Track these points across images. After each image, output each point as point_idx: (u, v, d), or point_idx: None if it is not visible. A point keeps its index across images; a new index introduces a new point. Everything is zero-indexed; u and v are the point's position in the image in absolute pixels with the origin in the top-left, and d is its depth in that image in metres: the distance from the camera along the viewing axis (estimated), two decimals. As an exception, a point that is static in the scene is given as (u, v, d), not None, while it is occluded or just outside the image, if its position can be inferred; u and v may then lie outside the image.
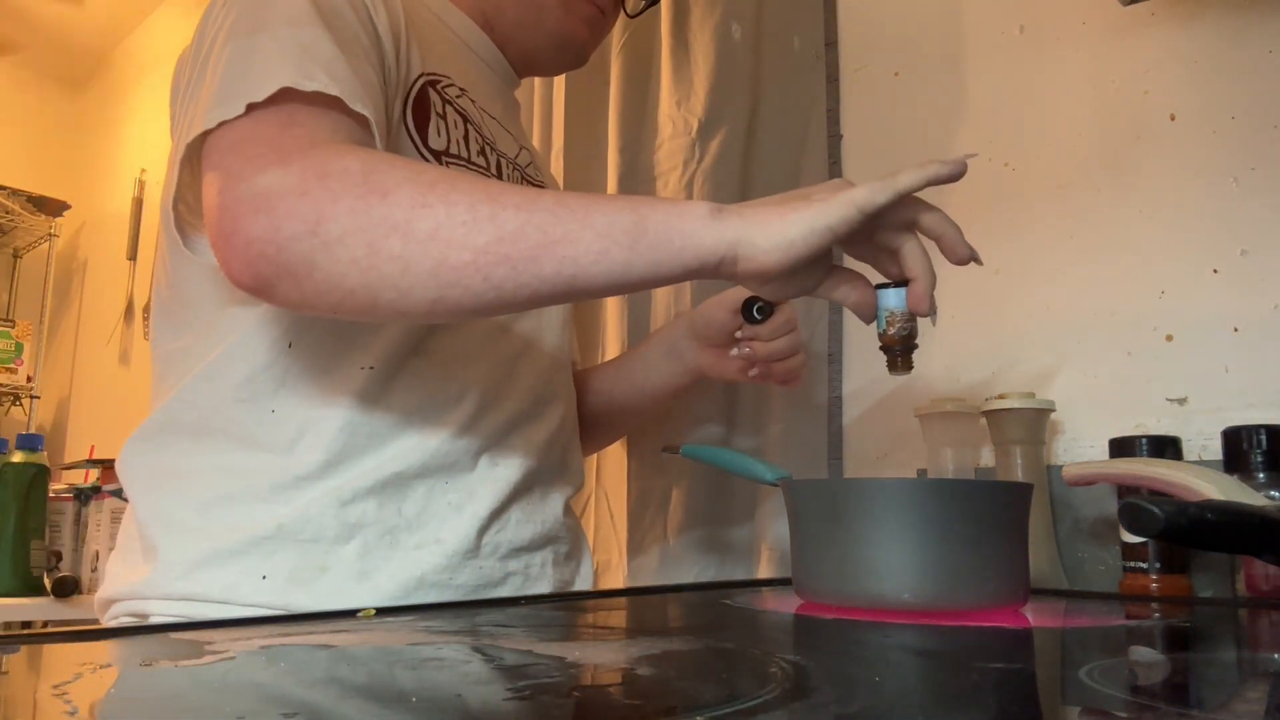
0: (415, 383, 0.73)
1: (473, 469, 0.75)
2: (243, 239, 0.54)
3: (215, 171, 0.57)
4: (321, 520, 0.68)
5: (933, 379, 1.03)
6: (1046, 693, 0.39)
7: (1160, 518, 0.45)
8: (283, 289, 0.55)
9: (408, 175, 0.55)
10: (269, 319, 0.69)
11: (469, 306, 0.55)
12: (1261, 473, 0.74)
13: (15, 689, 0.36)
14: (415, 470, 0.72)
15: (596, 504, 1.20)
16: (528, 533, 0.78)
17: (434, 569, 0.71)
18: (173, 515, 0.69)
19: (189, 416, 0.71)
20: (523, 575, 0.77)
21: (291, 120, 0.58)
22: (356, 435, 0.70)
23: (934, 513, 0.59)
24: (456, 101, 0.78)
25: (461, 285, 0.54)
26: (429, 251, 0.53)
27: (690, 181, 1.16)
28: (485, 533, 0.75)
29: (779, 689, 0.36)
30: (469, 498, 0.74)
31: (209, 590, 0.66)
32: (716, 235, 0.56)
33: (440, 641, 0.48)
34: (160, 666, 0.39)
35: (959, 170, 0.59)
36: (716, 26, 1.18)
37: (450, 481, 0.74)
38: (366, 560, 0.69)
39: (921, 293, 0.61)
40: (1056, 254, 0.97)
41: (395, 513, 0.71)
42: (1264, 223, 0.85)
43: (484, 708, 0.33)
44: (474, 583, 0.73)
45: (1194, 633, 0.59)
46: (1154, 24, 0.93)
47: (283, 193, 0.54)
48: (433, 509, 0.72)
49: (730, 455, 0.83)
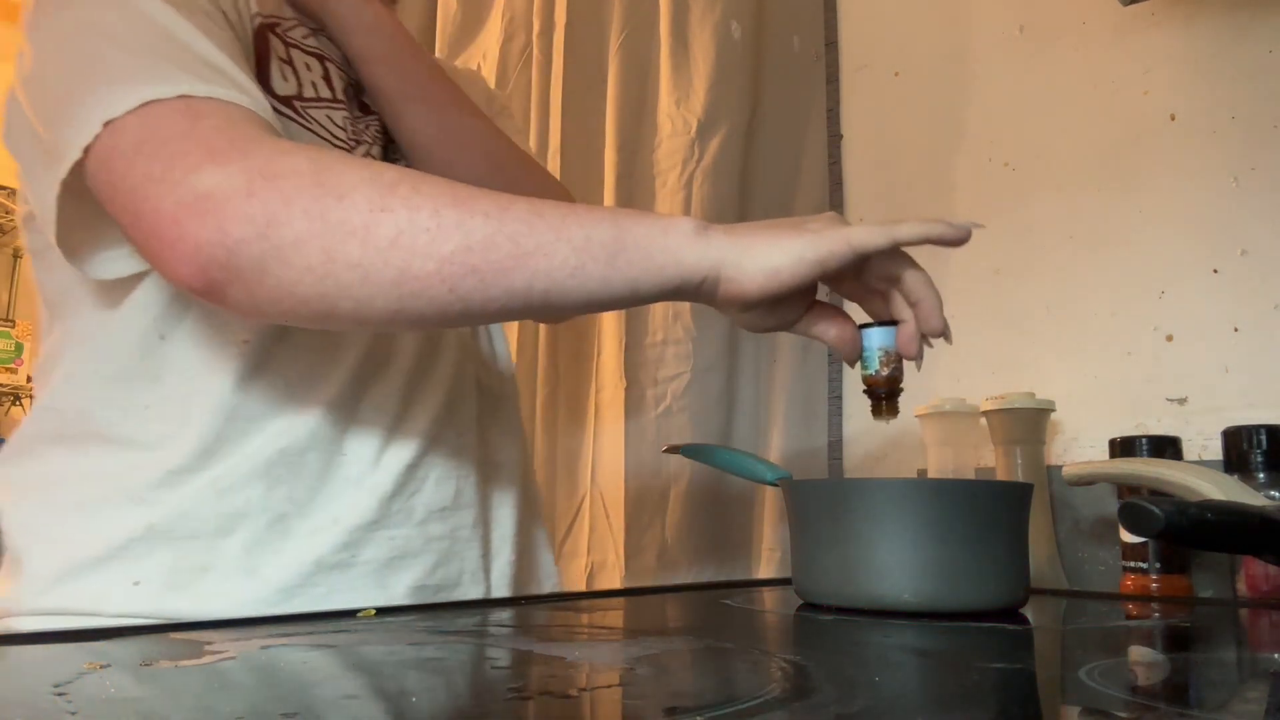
0: (296, 350, 0.66)
1: (372, 432, 0.68)
2: (191, 244, 0.50)
3: (130, 179, 0.52)
4: (199, 515, 0.62)
5: (933, 379, 1.03)
6: (1046, 693, 0.39)
7: (1160, 518, 0.45)
8: (234, 294, 0.51)
9: (364, 176, 0.51)
10: (136, 312, 0.65)
11: (432, 318, 0.52)
12: (1262, 473, 0.74)
13: (15, 689, 0.36)
14: (303, 444, 0.65)
15: (592, 503, 1.20)
16: (449, 490, 0.71)
17: (332, 549, 0.65)
18: (38, 525, 0.65)
19: (56, 422, 0.66)
20: (450, 539, 0.70)
21: (193, 112, 0.53)
22: (235, 417, 0.64)
23: (934, 513, 0.59)
24: (305, 43, 0.72)
25: (425, 296, 0.51)
26: (390, 260, 0.50)
27: (689, 181, 1.16)
28: (394, 499, 0.68)
29: (779, 689, 0.36)
30: (371, 467, 0.67)
31: (77, 602, 0.61)
32: (700, 253, 0.53)
33: (440, 641, 0.48)
34: (160, 666, 0.39)
35: (962, 236, 0.56)
36: (716, 25, 1.18)
37: (348, 451, 0.67)
38: (254, 554, 0.63)
39: (912, 334, 0.59)
40: (1056, 254, 0.97)
41: (285, 497, 0.64)
42: (1264, 223, 0.85)
43: (484, 708, 0.33)
44: (386, 556, 0.67)
45: (1194, 633, 0.59)
46: (1154, 24, 0.93)
47: (227, 194, 0.50)
48: (329, 487, 0.66)
49: (730, 455, 0.83)
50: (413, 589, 0.67)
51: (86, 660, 0.40)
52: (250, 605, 0.61)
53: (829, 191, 1.16)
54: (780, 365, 1.14)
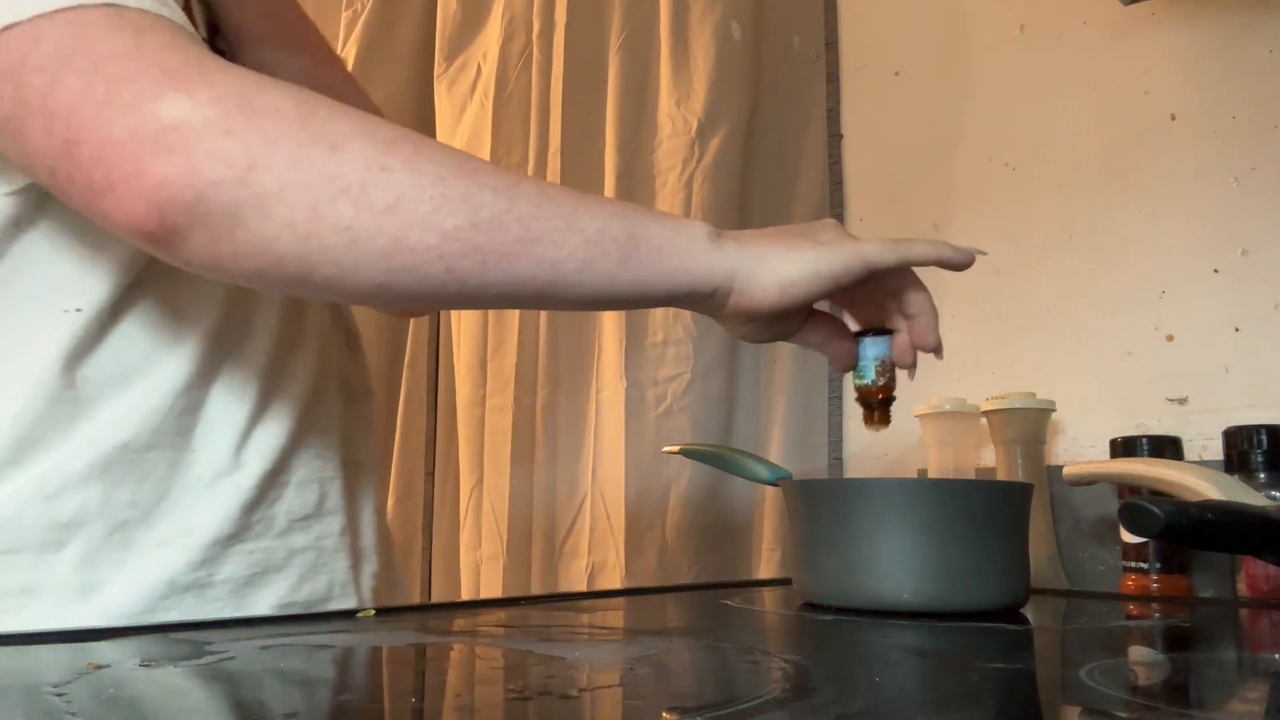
0: (139, 321, 0.57)
1: (229, 425, 0.59)
2: (152, 180, 0.43)
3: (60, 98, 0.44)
4: (19, 524, 0.52)
5: (933, 379, 1.03)
6: (1046, 693, 0.39)
7: (1160, 518, 0.45)
8: (193, 243, 0.44)
9: (359, 128, 0.46)
10: None
11: (420, 295, 0.47)
12: (1262, 473, 0.74)
13: (15, 689, 0.36)
14: (148, 438, 0.56)
15: (593, 504, 1.20)
16: (313, 496, 0.63)
17: (186, 566, 0.56)
18: None
19: None
20: (315, 550, 0.63)
21: (128, 24, 0.45)
22: (60, 401, 0.54)
23: (934, 513, 0.59)
24: None
25: (418, 272, 0.46)
26: (385, 227, 0.44)
27: (689, 181, 1.16)
28: (255, 507, 0.60)
29: (779, 689, 0.36)
30: (223, 466, 0.59)
31: None
32: (714, 262, 0.51)
33: (440, 641, 0.48)
34: (160, 666, 0.39)
35: (967, 260, 0.56)
36: (716, 25, 1.18)
37: (196, 448, 0.58)
38: (90, 570, 0.53)
39: (907, 344, 0.58)
40: (1056, 254, 0.97)
41: (128, 501, 0.55)
42: (1264, 223, 0.85)
43: (484, 708, 0.33)
44: (246, 573, 0.59)
45: (1194, 633, 0.59)
46: (1154, 24, 0.93)
47: (200, 128, 0.43)
48: (178, 489, 0.57)
49: (730, 455, 0.83)
50: (275, 608, 0.60)
51: (86, 660, 0.40)
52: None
53: (829, 191, 1.16)
54: (780, 365, 1.14)
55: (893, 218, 1.10)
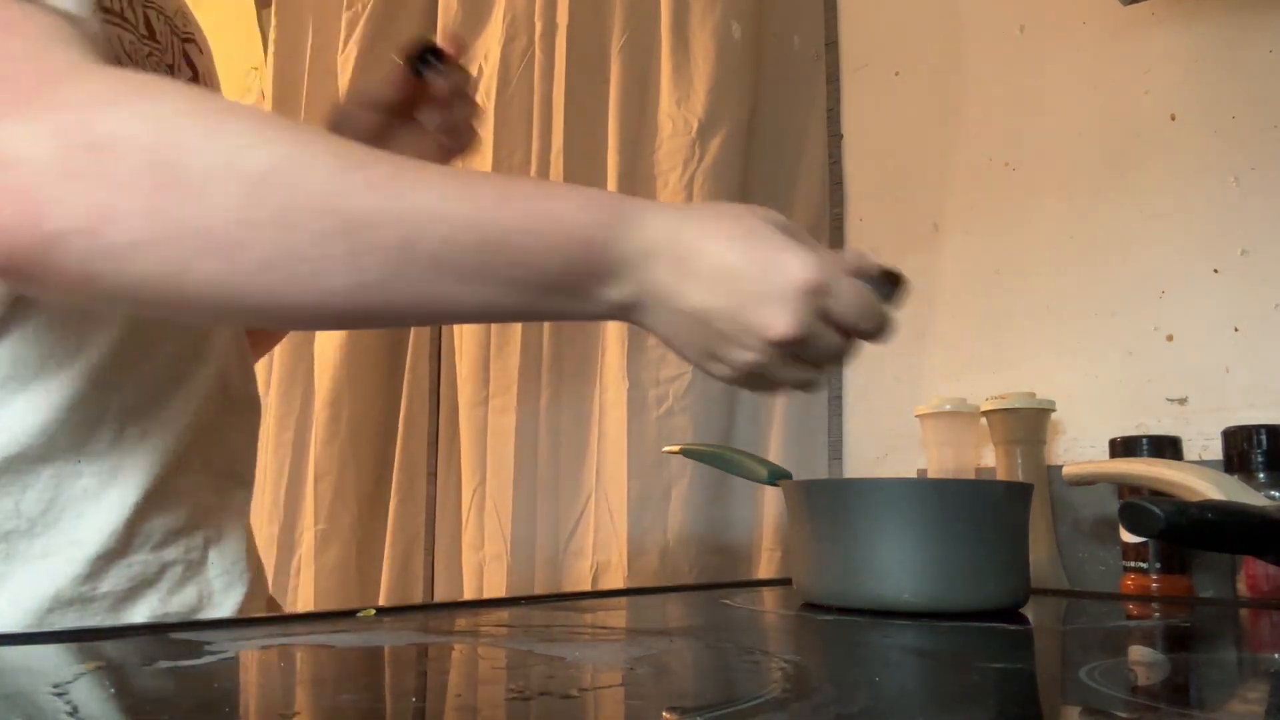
0: (28, 331, 0.55)
1: (116, 439, 0.58)
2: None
3: None
4: None
5: (933, 379, 1.03)
6: (1046, 693, 0.39)
7: (1160, 518, 0.45)
8: (50, 284, 0.41)
9: (222, 157, 0.39)
10: None
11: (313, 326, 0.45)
12: (1262, 473, 0.74)
13: (15, 689, 0.36)
14: (37, 450, 0.55)
15: (596, 503, 1.20)
16: (185, 510, 0.62)
17: (71, 581, 0.56)
18: None
19: None
20: (184, 563, 0.62)
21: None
22: None
23: (934, 513, 0.60)
24: None
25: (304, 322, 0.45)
26: (258, 284, 0.40)
27: (690, 181, 1.16)
28: (139, 522, 0.59)
29: (779, 689, 0.36)
30: (111, 478, 0.58)
31: None
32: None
33: (440, 641, 0.48)
34: (160, 666, 0.39)
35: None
36: (716, 26, 1.18)
37: (84, 460, 0.57)
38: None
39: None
40: (1057, 254, 0.97)
41: (12, 510, 0.54)
42: (1264, 223, 0.85)
43: (484, 708, 0.33)
44: (124, 587, 0.58)
45: (1194, 633, 0.59)
46: (1154, 24, 0.93)
47: (35, 170, 0.37)
48: (63, 500, 0.56)
49: (730, 455, 0.83)
50: (150, 620, 0.59)
51: (86, 660, 0.40)
52: None
53: (829, 191, 1.16)
54: (781, 365, 1.14)
55: (892, 218, 1.10)
